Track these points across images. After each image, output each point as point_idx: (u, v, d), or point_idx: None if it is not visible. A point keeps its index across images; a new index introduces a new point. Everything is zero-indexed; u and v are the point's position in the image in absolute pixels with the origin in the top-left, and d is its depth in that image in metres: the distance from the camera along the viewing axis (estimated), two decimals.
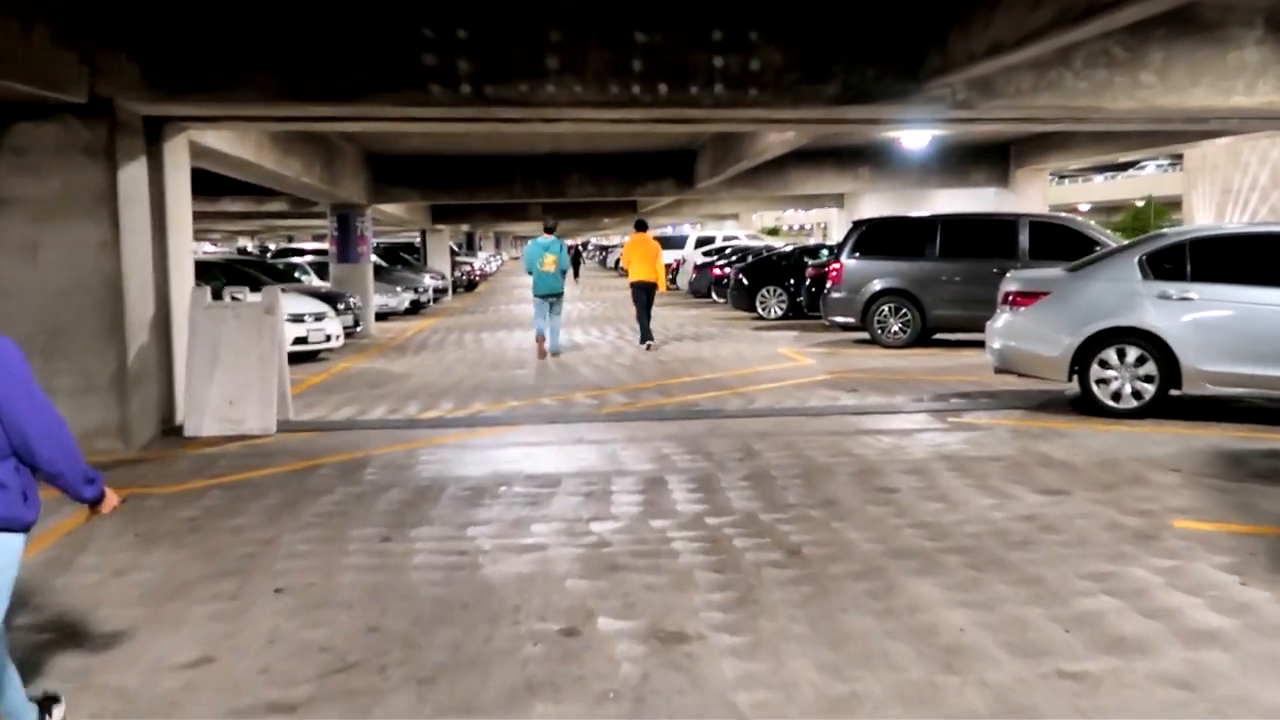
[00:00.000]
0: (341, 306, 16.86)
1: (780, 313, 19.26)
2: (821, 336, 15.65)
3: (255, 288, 15.50)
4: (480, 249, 57.00)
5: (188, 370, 8.15)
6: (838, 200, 29.20)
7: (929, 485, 6.10)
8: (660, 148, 17.87)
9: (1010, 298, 8.39)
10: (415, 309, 25.18)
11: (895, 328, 13.50)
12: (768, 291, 19.38)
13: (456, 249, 45.82)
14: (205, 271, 15.12)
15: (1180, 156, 39.58)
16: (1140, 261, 7.92)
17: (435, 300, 29.38)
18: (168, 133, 8.33)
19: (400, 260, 30.83)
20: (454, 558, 4.89)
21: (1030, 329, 8.17)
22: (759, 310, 19.43)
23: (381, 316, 22.89)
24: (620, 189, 18.95)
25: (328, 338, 14.14)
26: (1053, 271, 8.56)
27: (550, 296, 13.33)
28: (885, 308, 13.51)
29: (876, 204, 26.71)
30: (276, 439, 7.88)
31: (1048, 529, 5.17)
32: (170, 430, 8.30)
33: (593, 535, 5.21)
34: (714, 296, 25.09)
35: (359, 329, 17.29)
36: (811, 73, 7.42)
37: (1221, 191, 32.83)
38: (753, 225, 46.66)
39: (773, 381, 10.64)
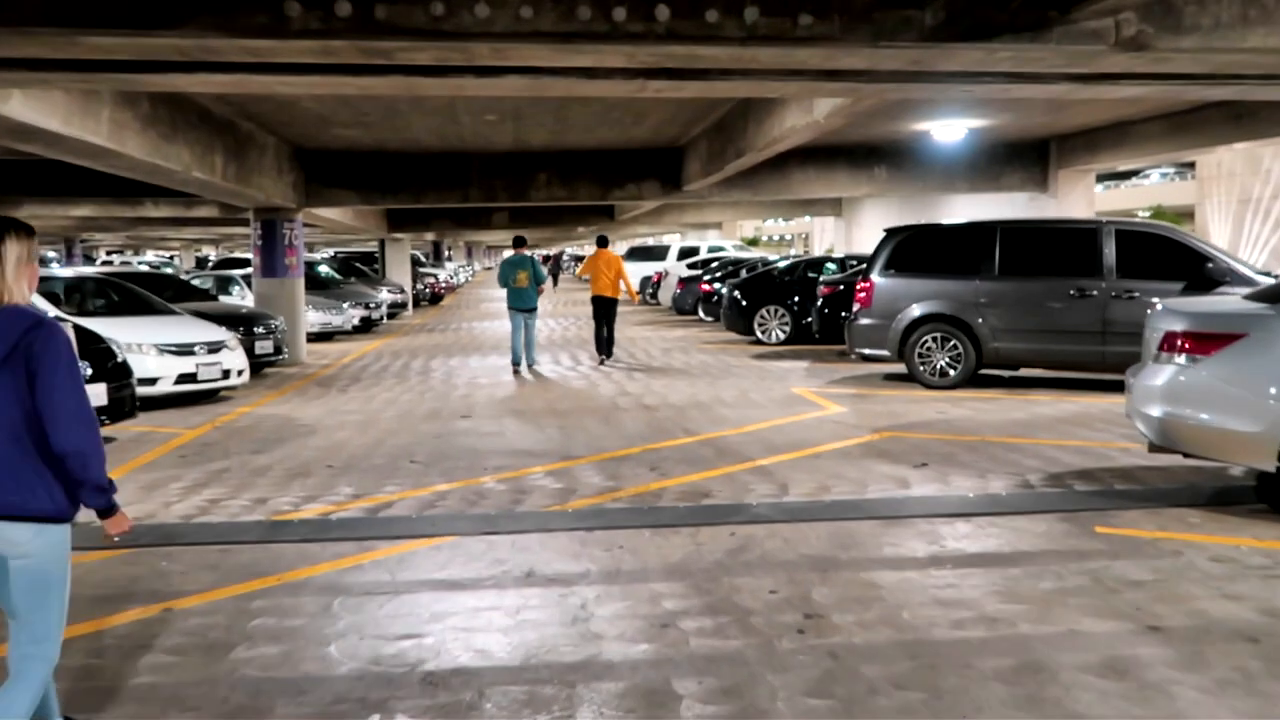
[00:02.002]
0: (261, 330, 14.00)
1: (782, 337, 16.51)
2: (840, 370, 12.88)
3: (141, 311, 12.68)
4: (449, 259, 54.09)
5: None
6: (835, 207, 26.54)
7: (1144, 699, 3.31)
8: (643, 144, 15.08)
9: (1178, 342, 5.61)
10: (366, 327, 22.35)
11: (941, 363, 10.75)
12: (768, 312, 16.61)
13: (424, 259, 42.94)
14: (73, 289, 12.19)
15: (1191, 164, 37.35)
16: None
17: (393, 316, 26.52)
18: None
19: (356, 272, 27.93)
20: None
21: (1217, 390, 5.39)
22: (758, 333, 16.66)
23: (325, 336, 20.07)
24: (595, 192, 16.13)
25: (226, 373, 11.23)
26: (1243, 304, 5.79)
27: (525, 311, 13.50)
28: (929, 339, 10.76)
29: (881, 211, 24.04)
30: None
31: None
32: None
33: None
34: (701, 314, 22.36)
35: (282, 356, 14.38)
36: None
37: (1239, 201, 30.48)
38: (737, 235, 43.90)
39: (800, 446, 7.84)
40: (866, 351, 11.28)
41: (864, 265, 15.67)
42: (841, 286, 14.15)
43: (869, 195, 16.41)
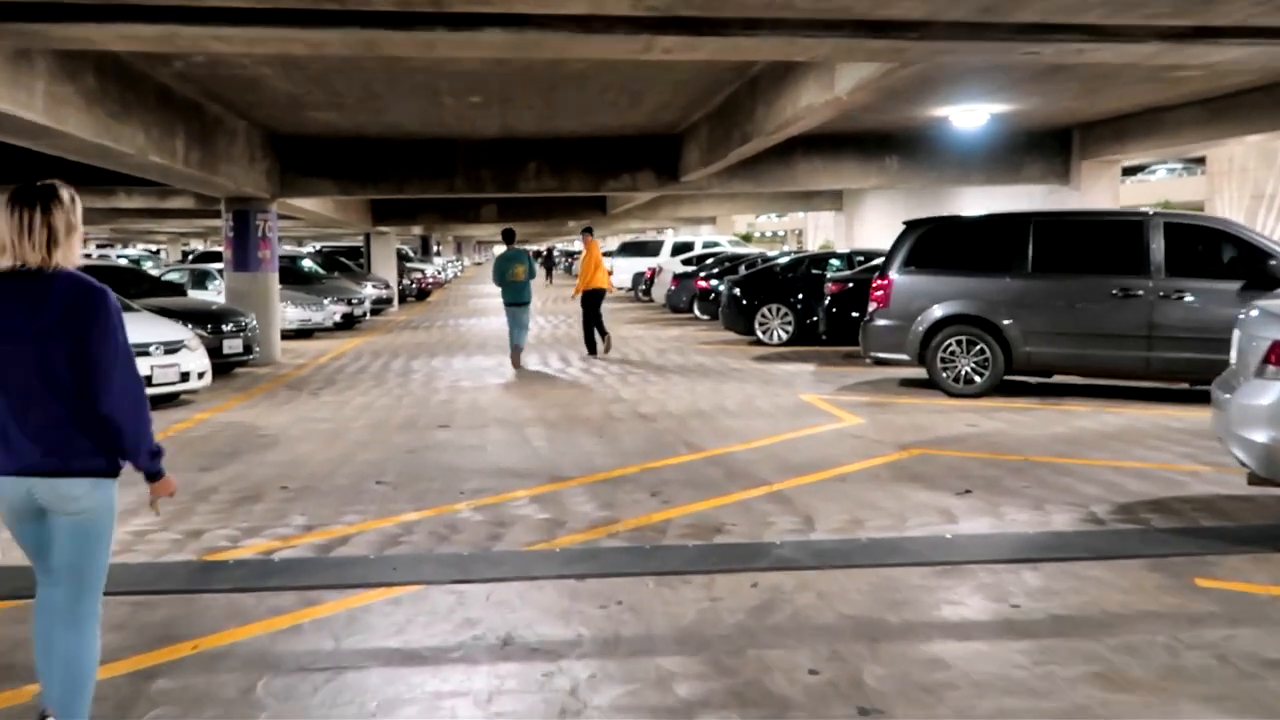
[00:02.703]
0: (230, 327, 13.04)
1: (784, 337, 15.59)
2: (850, 374, 11.97)
3: None
4: (438, 254, 52.97)
5: None
6: (835, 201, 25.61)
7: None
8: (638, 130, 14.12)
9: None
10: (349, 323, 21.41)
11: (966, 369, 9.83)
12: (770, 311, 15.69)
13: (412, 254, 41.88)
14: None
15: (1199, 160, 36.50)
16: None
17: (378, 312, 25.56)
18: None
19: (340, 267, 26.96)
20: None
21: None
22: (758, 333, 15.74)
23: (305, 333, 19.13)
24: (587, 182, 15.16)
25: (184, 376, 10.26)
26: None
27: (519, 304, 13.62)
28: (953, 342, 9.84)
29: (885, 206, 23.15)
30: None
31: None
32: None
33: None
34: (697, 312, 21.45)
35: (253, 356, 13.42)
36: None
37: (1252, 197, 29.61)
38: (732, 230, 42.88)
39: (820, 466, 6.91)
40: (883, 355, 10.35)
41: (872, 262, 14.85)
42: (850, 284, 13.25)
43: (879, 187, 15.47)
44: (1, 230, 2.67)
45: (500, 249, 14.01)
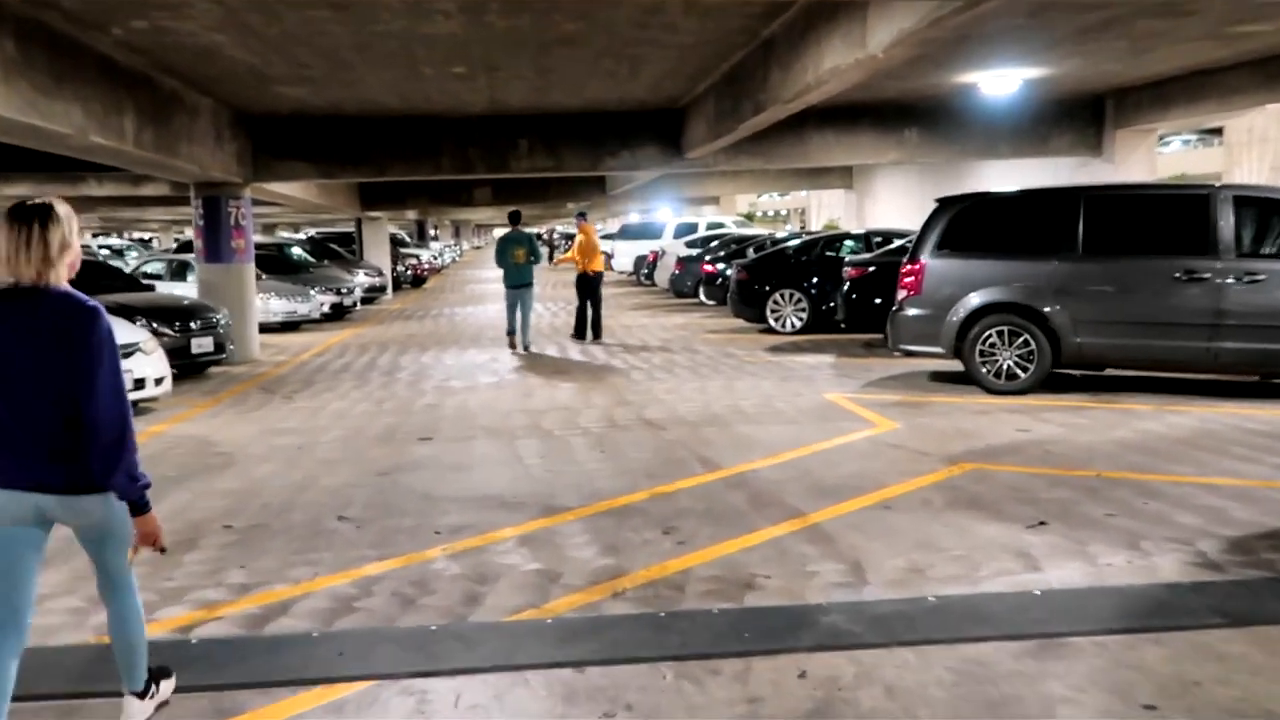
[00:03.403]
0: (200, 324, 12.05)
1: (798, 325, 14.56)
2: (874, 367, 10.95)
3: None
4: (434, 239, 51.79)
5: None
6: (845, 178, 24.50)
7: None
8: (639, 104, 13.04)
9: None
10: (338, 314, 20.42)
11: (1008, 363, 8.81)
12: (782, 297, 14.65)
13: (407, 239, 40.76)
14: None
15: (1215, 130, 35.26)
16: None
17: (370, 301, 24.54)
18: None
19: (331, 254, 25.95)
20: None
21: None
22: (770, 321, 14.71)
23: (292, 326, 18.15)
24: (584, 160, 14.09)
25: (139, 383, 9.24)
26: None
27: (520, 287, 13.52)
28: (993, 333, 8.81)
29: (899, 182, 22.06)
30: None
31: None
32: None
33: None
34: (702, 297, 20.44)
35: (226, 354, 12.43)
36: None
37: (1272, 168, 28.46)
38: (735, 210, 41.63)
39: (859, 487, 5.90)
40: (914, 348, 9.32)
41: (893, 243, 13.80)
42: (872, 268, 12.21)
43: (897, 162, 14.39)
44: (0, 246, 2.71)
45: (501, 231, 14.06)
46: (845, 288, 12.23)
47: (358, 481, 6.40)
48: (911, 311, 9.19)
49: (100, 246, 31.78)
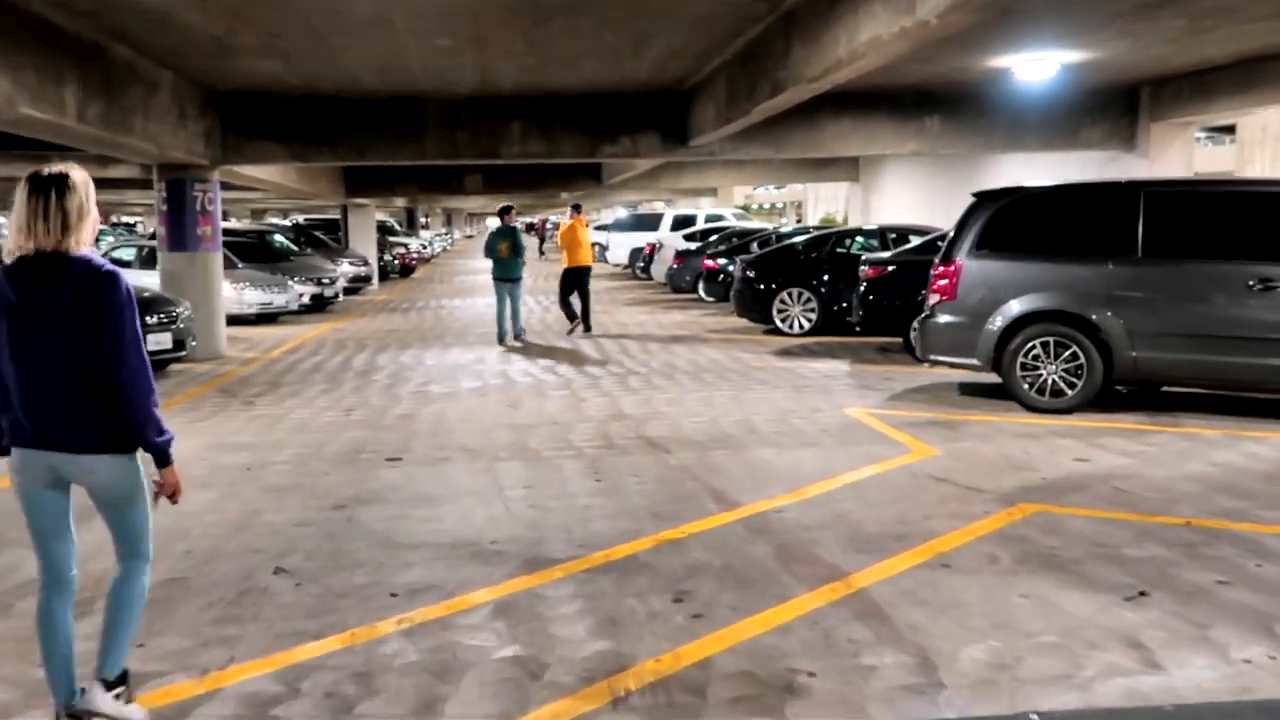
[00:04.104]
0: (158, 320, 11.06)
1: (807, 325, 13.60)
2: (895, 375, 9.98)
3: None
4: (425, 227, 50.60)
5: None
6: (850, 169, 23.46)
7: None
8: (641, 85, 12.03)
9: None
10: (319, 305, 19.39)
11: (1054, 378, 7.84)
12: (790, 296, 13.68)
13: (397, 228, 39.62)
14: None
15: (1227, 129, 34.31)
16: None
17: (354, 291, 23.49)
18: None
19: (315, 242, 24.88)
20: None
21: None
22: (777, 321, 13.73)
23: (269, 318, 17.13)
24: (581, 146, 13.08)
25: None
26: None
27: (509, 280, 13.48)
28: (1037, 344, 7.84)
29: (908, 175, 21.06)
30: None
31: None
32: None
33: None
34: (701, 293, 19.48)
35: (187, 351, 11.42)
36: None
37: None
38: (733, 202, 40.50)
39: (906, 535, 4.92)
40: (947, 359, 8.35)
41: (911, 241, 12.80)
42: (890, 267, 11.22)
43: (917, 153, 13.40)
44: (19, 214, 2.79)
45: (495, 223, 14.39)
46: (862, 288, 11.25)
47: (307, 518, 5.40)
48: (945, 318, 8.21)
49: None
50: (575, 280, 14.55)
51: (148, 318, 10.89)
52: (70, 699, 2.92)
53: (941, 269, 8.20)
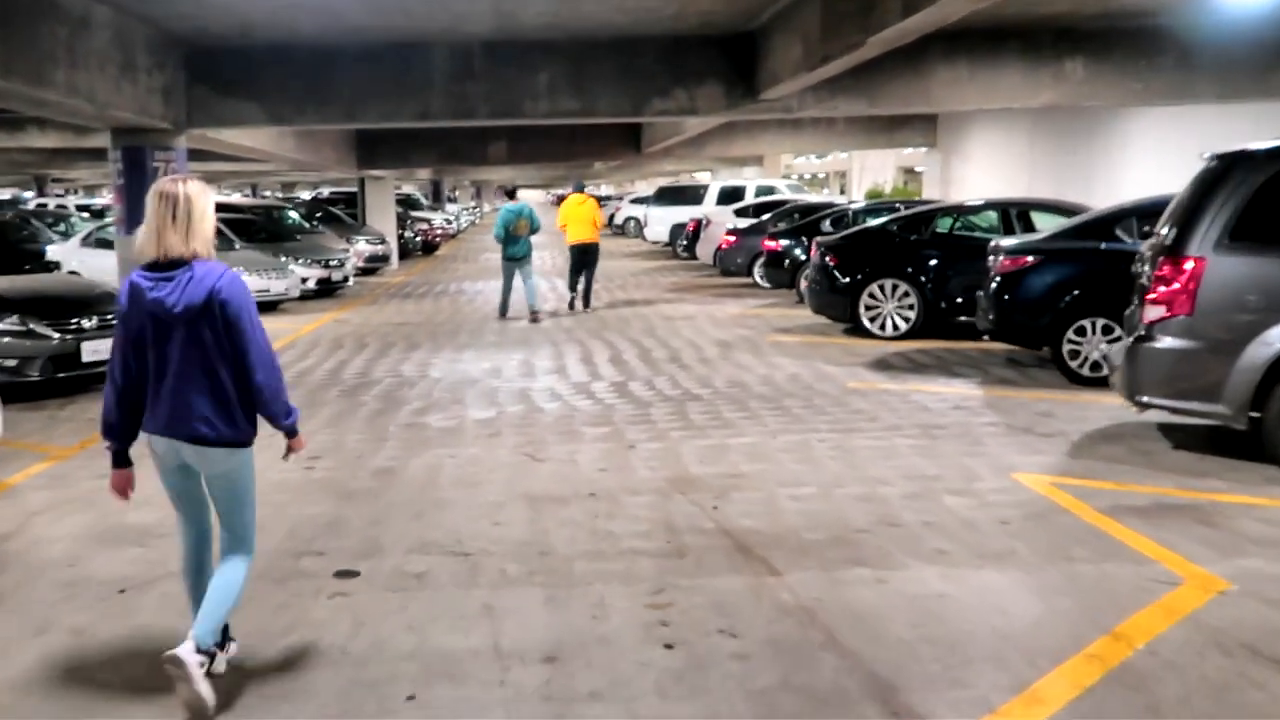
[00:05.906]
0: (95, 322, 8.86)
1: (903, 326, 10.94)
2: (1055, 407, 7.29)
3: None
4: (453, 200, 48.13)
5: None
6: (928, 132, 20.52)
7: None
8: (698, 25, 9.41)
9: None
10: (327, 290, 17.09)
11: None
12: (882, 290, 11.01)
13: (422, 201, 37.23)
14: None
15: None
16: None
17: (372, 271, 21.17)
18: None
19: (330, 218, 22.55)
20: None
21: None
22: (864, 320, 11.08)
23: (268, 307, 14.79)
24: (622, 103, 10.48)
25: None
26: None
27: (518, 260, 13.40)
28: None
29: (999, 140, 18.14)
30: None
31: None
32: None
33: None
34: (756, 278, 16.88)
35: None
36: None
37: None
38: (780, 172, 37.29)
39: None
40: (1171, 403, 5.69)
41: (1059, 222, 9.83)
42: (1035, 258, 8.49)
43: (1049, 104, 10.54)
44: (149, 222, 3.05)
45: (510, 203, 13.99)
46: (995, 284, 8.54)
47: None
48: (1172, 342, 5.53)
49: (78, 207, 28.41)
50: (577, 257, 14.21)
51: (83, 320, 8.64)
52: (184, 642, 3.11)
53: (1168, 268, 5.51)
